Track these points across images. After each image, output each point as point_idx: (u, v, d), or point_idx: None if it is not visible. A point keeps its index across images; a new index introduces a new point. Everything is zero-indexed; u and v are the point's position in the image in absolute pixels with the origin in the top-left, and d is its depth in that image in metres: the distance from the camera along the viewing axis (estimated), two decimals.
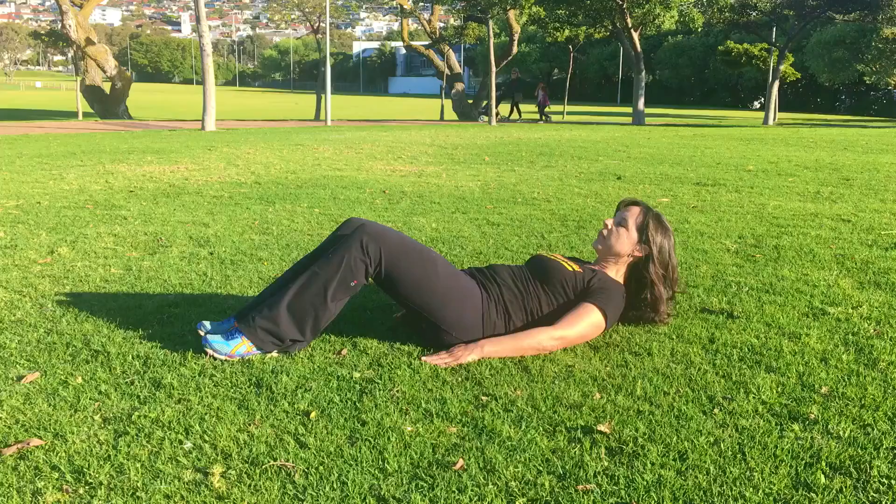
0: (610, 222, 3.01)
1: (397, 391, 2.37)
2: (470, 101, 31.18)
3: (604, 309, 2.78)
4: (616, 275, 2.96)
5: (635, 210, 2.99)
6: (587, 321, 2.76)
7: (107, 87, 26.57)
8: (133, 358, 2.63)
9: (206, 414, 2.20)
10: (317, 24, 34.12)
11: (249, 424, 2.14)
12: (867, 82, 44.72)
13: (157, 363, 2.58)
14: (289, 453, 1.98)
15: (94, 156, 9.91)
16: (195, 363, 2.58)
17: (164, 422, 2.15)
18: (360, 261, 2.65)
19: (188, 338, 2.84)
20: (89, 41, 25.31)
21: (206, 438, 2.05)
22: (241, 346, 2.62)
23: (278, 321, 2.62)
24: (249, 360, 2.61)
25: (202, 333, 2.68)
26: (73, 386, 2.40)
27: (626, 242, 2.94)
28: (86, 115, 25.55)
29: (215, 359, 2.60)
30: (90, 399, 2.30)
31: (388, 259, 2.67)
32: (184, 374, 2.49)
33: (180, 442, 2.04)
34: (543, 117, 27.02)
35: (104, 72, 25.78)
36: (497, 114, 25.80)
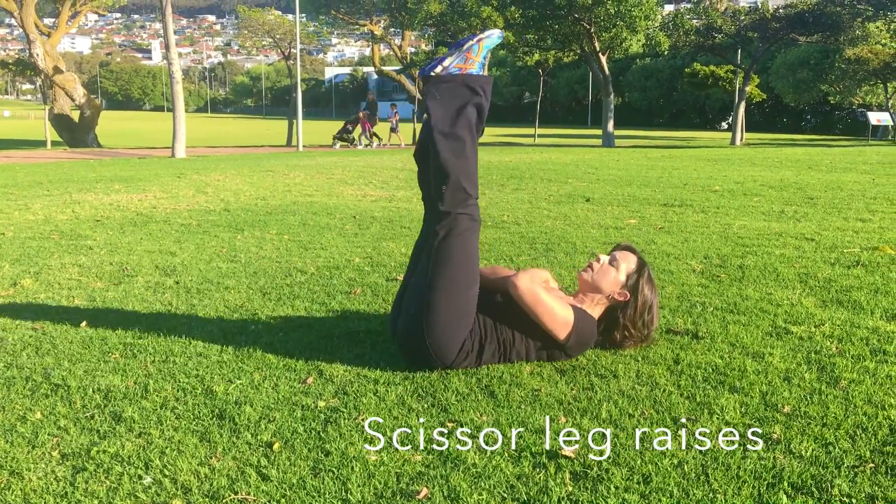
0: (603, 258, 3.02)
1: (362, 419, 2.35)
2: None
3: (576, 318, 2.79)
4: (591, 311, 2.96)
5: (630, 257, 3.01)
6: (560, 305, 2.78)
7: (75, 115, 26.39)
8: (94, 391, 2.59)
9: (166, 448, 2.16)
10: (288, 51, 34.18)
11: (211, 457, 2.11)
12: (831, 102, 45.53)
13: (118, 396, 2.54)
14: (250, 486, 1.96)
15: (61, 185, 9.81)
16: (157, 396, 2.54)
17: (124, 456, 2.12)
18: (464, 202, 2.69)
19: (150, 369, 2.80)
20: (57, 70, 25.15)
21: (167, 473, 2.02)
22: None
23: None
24: (213, 391, 2.58)
25: None
26: (32, 421, 2.35)
27: (611, 283, 2.95)
28: (54, 143, 25.34)
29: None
30: (49, 434, 2.26)
31: (457, 233, 2.69)
32: (145, 406, 2.46)
33: (140, 477, 2.00)
34: (367, 141, 25.72)
35: (73, 100, 25.62)
36: (371, 139, 25.28)
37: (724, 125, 52.30)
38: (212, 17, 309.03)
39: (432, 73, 2.70)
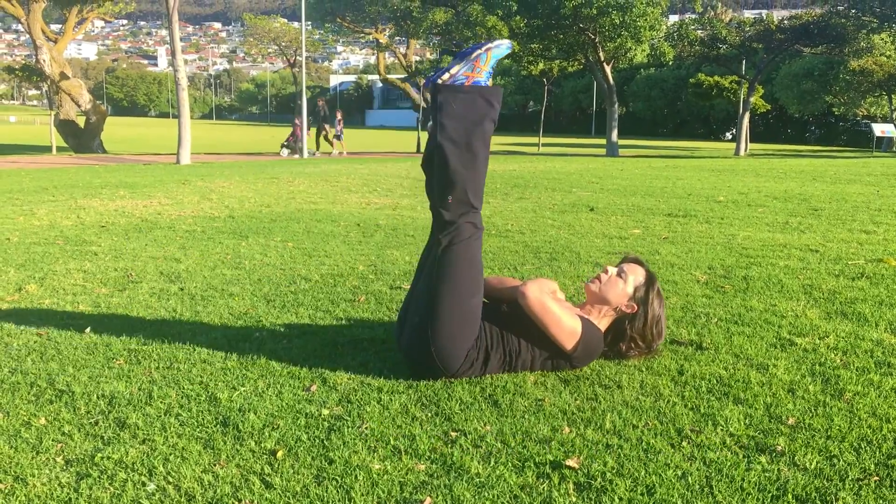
0: (611, 269, 3.02)
1: (366, 428, 2.35)
2: None
3: (584, 329, 2.79)
4: (598, 323, 2.96)
5: (638, 269, 3.01)
6: (568, 315, 2.78)
7: (81, 121, 26.48)
8: (98, 397, 2.59)
9: (170, 454, 2.17)
10: (293, 58, 34.33)
11: (215, 465, 2.11)
12: (836, 113, 45.61)
13: (122, 402, 2.55)
14: (254, 494, 1.96)
15: (67, 191, 9.84)
16: (161, 402, 2.55)
17: (128, 463, 2.12)
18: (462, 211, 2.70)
19: (154, 375, 2.81)
20: (63, 76, 25.25)
21: (170, 480, 2.02)
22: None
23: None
24: (217, 398, 2.58)
25: None
26: (36, 427, 2.36)
27: (619, 294, 2.95)
28: (60, 149, 25.41)
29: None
30: (53, 440, 2.27)
31: (461, 241, 2.69)
32: (149, 413, 2.46)
33: (143, 484, 2.00)
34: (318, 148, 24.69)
35: (78, 106, 25.72)
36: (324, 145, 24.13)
37: (729, 136, 52.33)
38: (218, 25, 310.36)
39: (439, 81, 2.71)
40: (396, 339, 2.95)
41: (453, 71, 2.71)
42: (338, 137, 25.03)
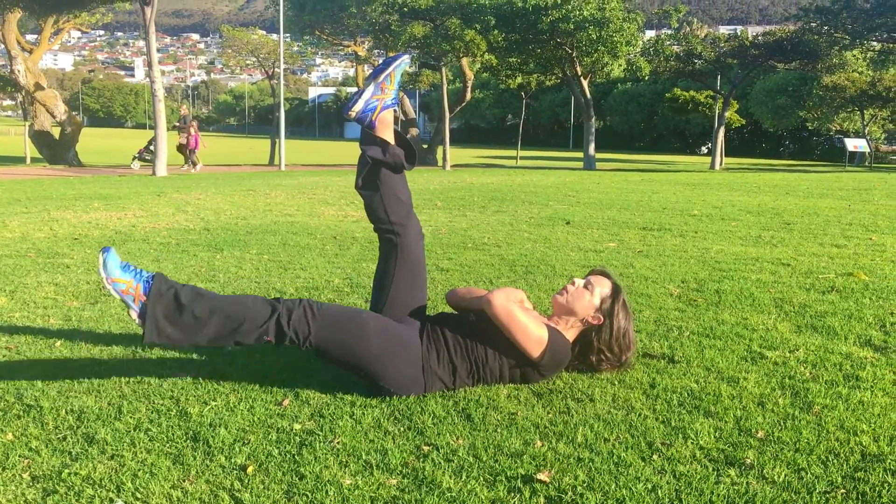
0: (578, 281, 3.04)
1: (338, 443, 2.35)
2: (425, 146, 31.46)
3: (550, 337, 2.81)
4: (566, 334, 2.97)
5: (605, 281, 3.03)
6: (535, 324, 2.79)
7: (56, 132, 26.24)
8: (67, 412, 2.56)
9: (139, 470, 2.15)
10: (272, 70, 34.26)
11: (184, 480, 2.09)
12: (809, 128, 46.22)
13: (91, 417, 2.52)
14: None
15: (40, 202, 9.74)
16: (131, 417, 2.52)
17: (96, 479, 2.09)
18: (286, 332, 2.61)
19: (125, 390, 2.78)
20: (38, 86, 25.04)
21: (138, 496, 2.01)
22: (129, 290, 2.53)
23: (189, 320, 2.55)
24: (187, 412, 2.56)
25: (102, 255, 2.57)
26: (3, 442, 2.33)
27: (585, 306, 2.97)
28: (34, 160, 25.16)
29: (100, 274, 2.54)
30: (19, 456, 2.24)
31: (317, 336, 2.64)
32: (118, 428, 2.44)
33: (111, 500, 1.98)
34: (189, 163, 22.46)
35: (53, 117, 25.49)
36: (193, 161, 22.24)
37: (704, 150, 52.84)
38: (196, 36, 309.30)
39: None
40: None
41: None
42: (183, 149, 22.84)
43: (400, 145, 2.89)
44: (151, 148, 21.17)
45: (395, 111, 2.88)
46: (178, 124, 22.81)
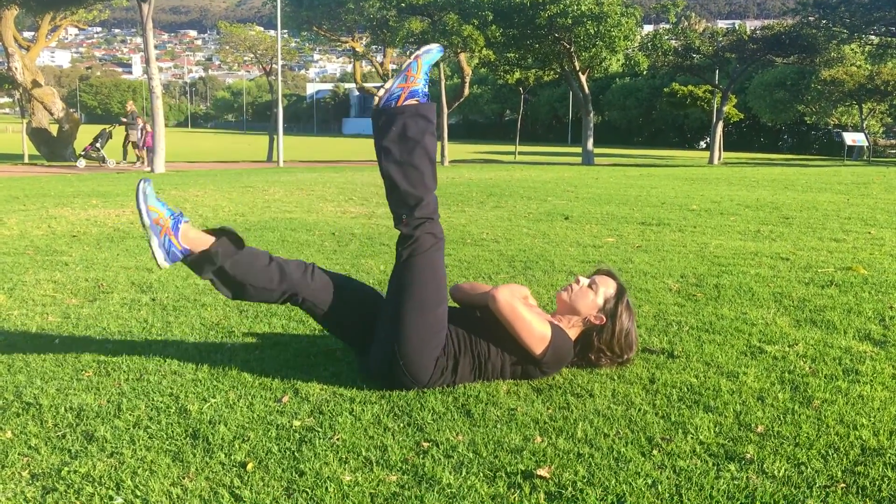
0: (583, 280, 3.04)
1: (338, 439, 2.34)
2: None
3: (553, 334, 2.80)
4: (568, 332, 2.97)
5: (609, 282, 3.02)
6: (538, 320, 2.79)
7: (54, 129, 26.21)
8: (66, 410, 2.56)
9: (138, 468, 2.14)
10: (269, 66, 34.20)
11: (183, 478, 2.09)
12: (808, 122, 46.22)
13: (90, 415, 2.52)
14: None
15: (38, 200, 9.73)
16: (130, 415, 2.52)
17: (95, 477, 2.09)
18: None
19: (124, 387, 2.78)
20: (36, 83, 25.00)
21: (138, 493, 2.00)
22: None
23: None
24: (187, 409, 2.56)
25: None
26: (2, 440, 2.32)
27: (588, 305, 2.96)
28: (32, 157, 25.12)
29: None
30: (19, 454, 2.24)
31: (421, 252, 2.73)
32: (118, 426, 2.43)
33: (111, 498, 1.98)
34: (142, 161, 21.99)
35: (51, 114, 25.46)
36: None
37: (703, 144, 52.86)
38: (193, 32, 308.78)
39: (375, 99, 2.77)
40: (358, 367, 2.94)
41: (388, 86, 2.76)
42: (136, 146, 22.46)
43: (218, 236, 2.81)
44: (97, 145, 21.54)
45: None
46: (125, 120, 22.64)
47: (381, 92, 2.75)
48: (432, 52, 2.81)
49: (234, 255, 2.75)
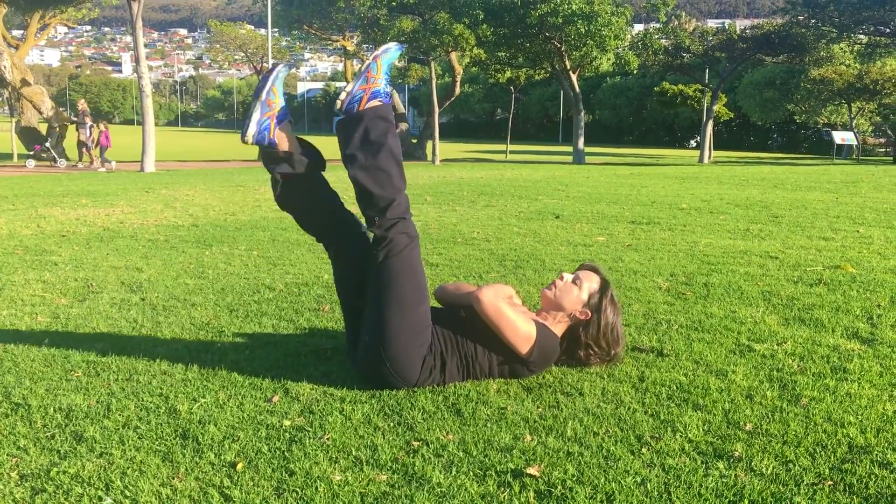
0: (566, 276, 3.05)
1: (328, 439, 2.34)
2: (414, 141, 31.44)
3: (538, 333, 2.81)
4: (554, 329, 2.98)
5: (593, 276, 3.03)
6: (523, 320, 2.80)
7: (43, 128, 26.06)
8: (55, 410, 2.55)
9: (128, 468, 2.14)
10: (260, 65, 34.13)
11: (173, 478, 2.09)
12: (797, 121, 46.41)
13: (79, 416, 2.51)
14: None
15: (27, 199, 9.68)
16: (119, 415, 2.51)
17: (84, 477, 2.09)
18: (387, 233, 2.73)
19: (113, 388, 2.77)
20: (25, 82, 24.86)
21: (127, 494, 2.00)
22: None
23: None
24: (177, 410, 2.55)
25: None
26: None
27: (573, 301, 2.97)
28: (21, 156, 24.98)
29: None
30: (7, 455, 2.23)
31: (396, 253, 2.71)
32: (107, 426, 2.43)
33: (100, 498, 1.98)
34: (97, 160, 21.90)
35: (40, 113, 25.32)
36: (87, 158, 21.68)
37: (693, 143, 52.99)
38: (183, 31, 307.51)
39: (337, 103, 2.77)
40: (351, 359, 2.94)
41: (349, 89, 2.75)
42: (84, 146, 22.32)
43: (305, 152, 2.87)
44: (47, 145, 21.64)
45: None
46: (75, 119, 22.51)
47: (343, 95, 2.75)
48: (391, 51, 2.82)
49: (312, 173, 2.90)
